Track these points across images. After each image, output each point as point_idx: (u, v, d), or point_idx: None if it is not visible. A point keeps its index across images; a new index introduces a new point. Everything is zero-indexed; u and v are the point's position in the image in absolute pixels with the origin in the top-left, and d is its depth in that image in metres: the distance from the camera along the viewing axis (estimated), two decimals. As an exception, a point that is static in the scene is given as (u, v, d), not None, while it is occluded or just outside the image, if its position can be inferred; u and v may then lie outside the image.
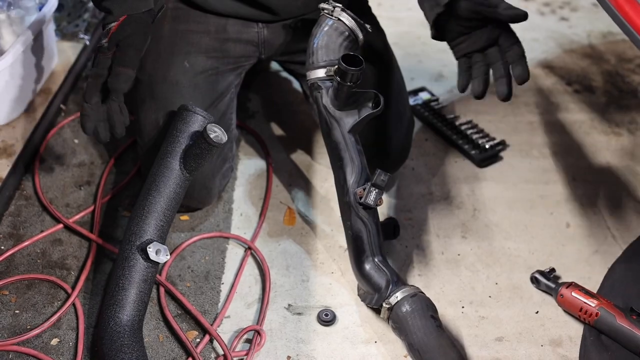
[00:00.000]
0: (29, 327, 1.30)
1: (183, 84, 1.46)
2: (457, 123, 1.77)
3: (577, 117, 1.84)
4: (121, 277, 1.24)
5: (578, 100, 1.90)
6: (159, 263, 1.26)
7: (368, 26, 1.41)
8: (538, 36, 2.15)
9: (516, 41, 1.27)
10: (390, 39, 1.68)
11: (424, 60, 2.03)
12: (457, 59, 1.33)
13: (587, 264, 1.46)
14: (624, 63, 2.03)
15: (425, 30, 1.42)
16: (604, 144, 1.76)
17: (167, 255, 1.26)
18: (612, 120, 1.83)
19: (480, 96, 1.28)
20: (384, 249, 1.36)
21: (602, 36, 2.15)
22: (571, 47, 2.10)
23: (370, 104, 1.36)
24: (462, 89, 1.31)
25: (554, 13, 2.27)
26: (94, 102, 1.27)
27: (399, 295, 1.28)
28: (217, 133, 1.30)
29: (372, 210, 1.35)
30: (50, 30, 1.78)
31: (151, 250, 1.24)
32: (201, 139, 1.29)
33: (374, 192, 1.33)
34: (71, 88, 1.84)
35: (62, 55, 1.87)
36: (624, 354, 1.25)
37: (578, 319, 1.33)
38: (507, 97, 1.26)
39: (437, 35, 1.35)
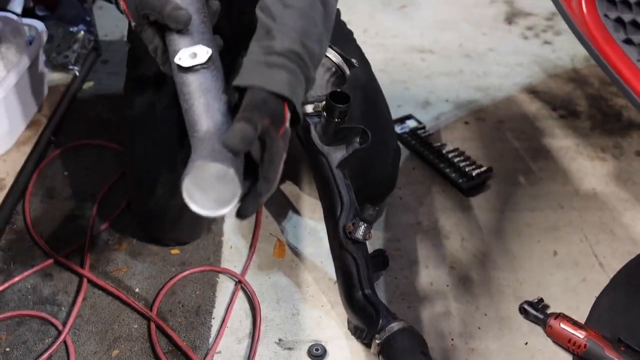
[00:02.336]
0: (20, 365, 1.31)
1: (173, 119, 1.47)
2: (444, 151, 1.78)
3: (562, 142, 1.87)
4: (181, 106, 1.04)
5: (563, 126, 1.92)
6: (203, 65, 1.04)
7: (354, 60, 1.43)
8: (522, 60, 2.17)
9: None
10: (376, 65, 1.70)
11: (410, 87, 2.05)
12: None
13: (574, 293, 1.48)
14: (607, 86, 2.06)
15: (411, 56, 1.45)
16: (590, 170, 1.78)
17: (208, 52, 1.04)
18: (597, 145, 1.86)
19: None
20: (373, 282, 1.38)
21: (585, 60, 2.18)
22: (555, 72, 2.13)
23: (357, 139, 1.38)
24: None
25: (537, 37, 2.30)
26: None
27: (389, 330, 1.28)
28: None
29: (361, 244, 1.36)
30: (40, 62, 1.79)
31: (183, 59, 1.04)
32: None
33: (363, 226, 1.34)
34: (61, 119, 1.85)
35: (52, 86, 1.88)
36: (612, 386, 1.27)
37: (567, 350, 1.35)
38: None
39: None
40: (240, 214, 1.01)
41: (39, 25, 1.78)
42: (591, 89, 2.05)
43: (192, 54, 1.04)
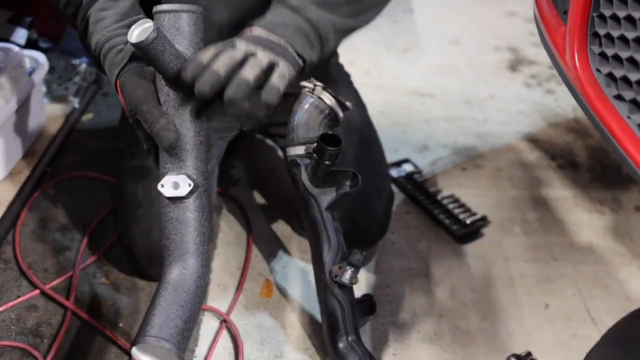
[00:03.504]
0: (-4, 398, 1.29)
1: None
2: (439, 197, 1.77)
3: (560, 193, 1.85)
4: (162, 228, 1.10)
5: (562, 176, 1.91)
6: (183, 197, 1.08)
7: (348, 104, 1.43)
8: (524, 109, 2.17)
9: None
10: (376, 107, 1.70)
11: (409, 130, 2.05)
12: None
13: (564, 348, 1.45)
14: (608, 139, 2.05)
15: (411, 100, 1.44)
16: (587, 222, 1.76)
17: (190, 184, 1.07)
18: (596, 198, 1.84)
19: None
20: (358, 328, 1.35)
21: (587, 111, 2.17)
22: (556, 121, 2.12)
23: (348, 183, 1.37)
24: None
25: (540, 85, 2.30)
26: None
27: (371, 379, 1.27)
28: (140, 28, 1.03)
29: (347, 288, 1.34)
30: (39, 93, 1.80)
31: (165, 187, 1.07)
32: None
33: (350, 270, 1.32)
34: (57, 150, 1.85)
35: (50, 117, 1.89)
36: None
37: (553, 406, 1.32)
38: None
39: None
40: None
41: (40, 57, 1.80)
42: (592, 140, 2.04)
43: (174, 183, 1.07)
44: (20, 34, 1.91)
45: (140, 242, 1.45)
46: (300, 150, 1.39)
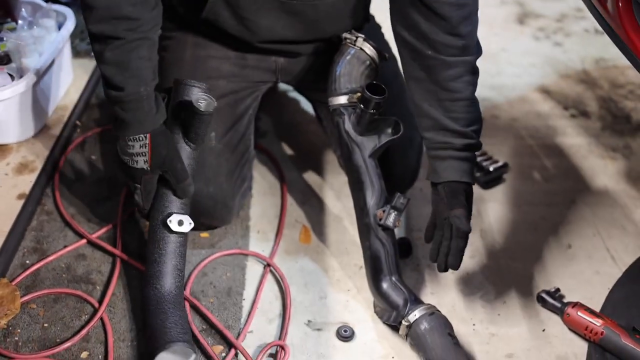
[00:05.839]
0: (58, 340, 1.34)
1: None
2: (462, 145, 1.84)
3: (574, 141, 1.93)
4: (153, 252, 1.35)
5: (575, 125, 1.99)
6: (184, 233, 1.36)
7: (387, 54, 1.48)
8: (535, 61, 2.24)
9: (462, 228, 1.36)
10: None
11: (428, 83, 2.10)
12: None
13: (588, 284, 1.54)
14: (616, 89, 2.13)
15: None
16: (601, 168, 1.85)
17: (190, 223, 1.36)
18: (608, 145, 1.92)
19: (442, 271, 1.38)
20: (400, 268, 1.43)
21: (595, 62, 2.25)
22: (566, 73, 2.20)
23: (390, 130, 1.43)
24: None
25: (548, 38, 2.36)
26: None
27: (417, 314, 1.34)
28: (206, 101, 1.34)
29: (390, 231, 1.42)
30: (67, 48, 1.82)
31: (172, 223, 1.34)
32: (191, 111, 1.34)
33: (393, 214, 1.40)
34: (85, 104, 1.88)
35: (76, 72, 1.91)
36: (627, 371, 1.33)
37: (583, 337, 1.41)
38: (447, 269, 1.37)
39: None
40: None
41: (68, 11, 1.81)
42: (601, 91, 2.12)
43: (179, 221, 1.35)
44: (40, -12, 1.91)
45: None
46: (343, 99, 1.45)
